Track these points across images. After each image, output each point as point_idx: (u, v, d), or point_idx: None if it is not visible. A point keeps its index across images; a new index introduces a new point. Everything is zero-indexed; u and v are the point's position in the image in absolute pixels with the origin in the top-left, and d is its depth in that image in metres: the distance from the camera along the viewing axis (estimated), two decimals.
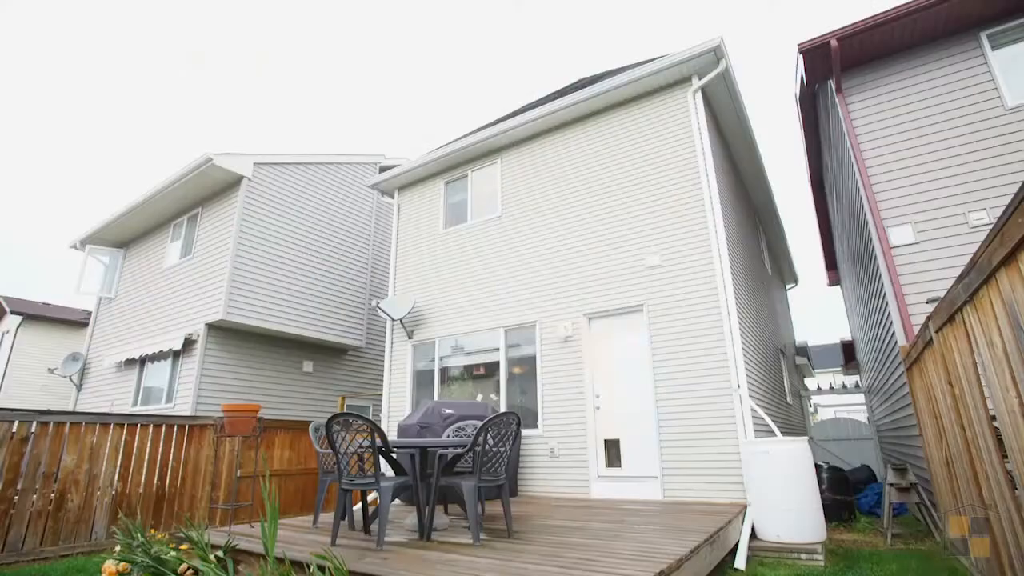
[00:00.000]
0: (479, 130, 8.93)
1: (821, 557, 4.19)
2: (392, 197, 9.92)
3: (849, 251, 9.92)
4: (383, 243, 12.43)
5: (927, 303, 5.24)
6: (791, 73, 9.35)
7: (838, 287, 14.81)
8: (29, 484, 5.16)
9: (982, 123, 5.87)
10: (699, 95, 6.76)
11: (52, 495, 5.33)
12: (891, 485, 5.43)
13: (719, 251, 6.08)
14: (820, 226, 13.25)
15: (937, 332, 3.30)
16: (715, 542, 3.83)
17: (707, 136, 6.57)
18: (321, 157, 11.54)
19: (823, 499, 4.98)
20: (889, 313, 6.23)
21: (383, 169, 12.22)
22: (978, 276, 2.24)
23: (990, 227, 3.38)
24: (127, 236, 12.36)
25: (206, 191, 10.44)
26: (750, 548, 4.41)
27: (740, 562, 4.15)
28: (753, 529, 4.66)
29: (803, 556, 4.25)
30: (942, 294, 3.28)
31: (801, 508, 4.53)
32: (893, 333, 6.15)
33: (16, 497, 5.06)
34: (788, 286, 15.19)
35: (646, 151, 7.03)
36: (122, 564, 3.20)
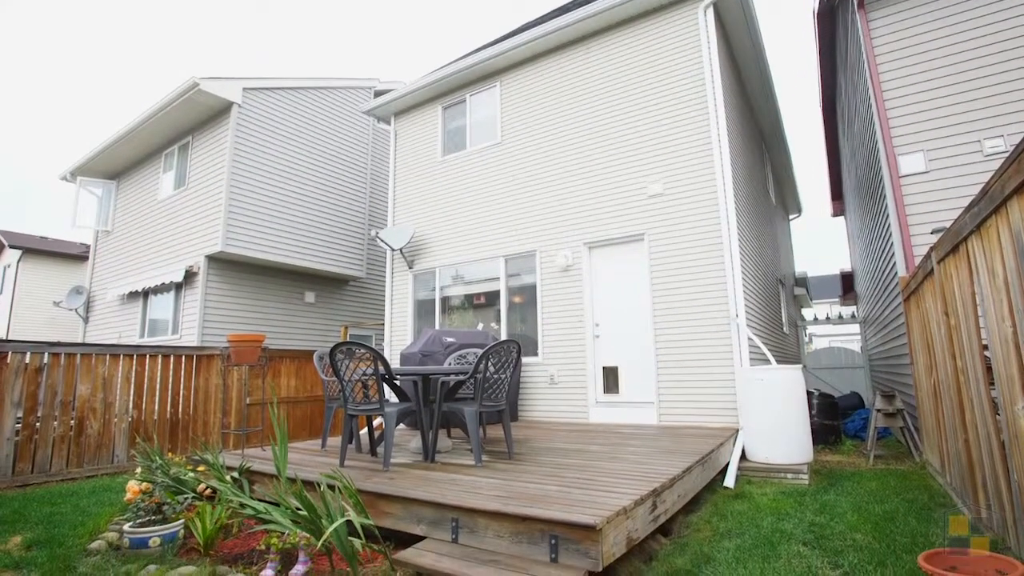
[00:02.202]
0: (477, 51, 8.48)
1: (806, 476, 4.42)
2: (388, 123, 9.59)
3: (857, 180, 9.71)
4: (381, 172, 12.16)
5: (932, 233, 5.19)
6: None
7: (842, 218, 14.64)
8: (48, 411, 5.37)
9: (1009, 42, 5.53)
10: (710, 11, 6.34)
11: (72, 422, 5.56)
12: (878, 410, 5.63)
13: (723, 182, 5.94)
14: (828, 154, 12.89)
15: (939, 263, 3.29)
16: (706, 463, 4.02)
17: (716, 57, 6.23)
18: (313, 81, 11.05)
19: (812, 424, 5.18)
20: (892, 244, 6.19)
21: (378, 94, 11.73)
22: (988, 205, 2.19)
23: (1006, 155, 3.28)
24: (118, 167, 12.08)
25: (195, 119, 10.08)
26: (739, 468, 4.65)
27: (729, 481, 4.38)
28: (743, 451, 4.89)
29: (789, 476, 4.47)
30: (948, 224, 3.23)
31: (790, 432, 4.72)
32: (894, 264, 6.14)
33: (38, 424, 5.29)
34: (791, 216, 15.01)
35: (652, 73, 6.70)
36: (144, 484, 3.37)
